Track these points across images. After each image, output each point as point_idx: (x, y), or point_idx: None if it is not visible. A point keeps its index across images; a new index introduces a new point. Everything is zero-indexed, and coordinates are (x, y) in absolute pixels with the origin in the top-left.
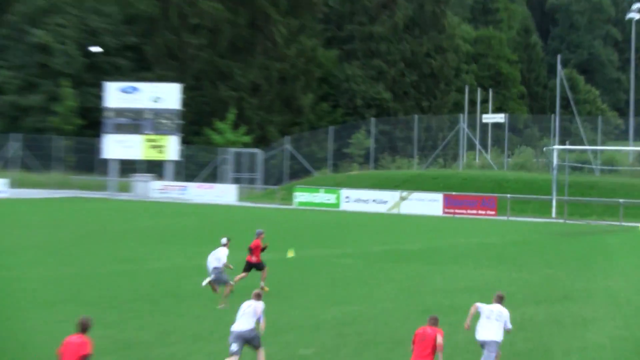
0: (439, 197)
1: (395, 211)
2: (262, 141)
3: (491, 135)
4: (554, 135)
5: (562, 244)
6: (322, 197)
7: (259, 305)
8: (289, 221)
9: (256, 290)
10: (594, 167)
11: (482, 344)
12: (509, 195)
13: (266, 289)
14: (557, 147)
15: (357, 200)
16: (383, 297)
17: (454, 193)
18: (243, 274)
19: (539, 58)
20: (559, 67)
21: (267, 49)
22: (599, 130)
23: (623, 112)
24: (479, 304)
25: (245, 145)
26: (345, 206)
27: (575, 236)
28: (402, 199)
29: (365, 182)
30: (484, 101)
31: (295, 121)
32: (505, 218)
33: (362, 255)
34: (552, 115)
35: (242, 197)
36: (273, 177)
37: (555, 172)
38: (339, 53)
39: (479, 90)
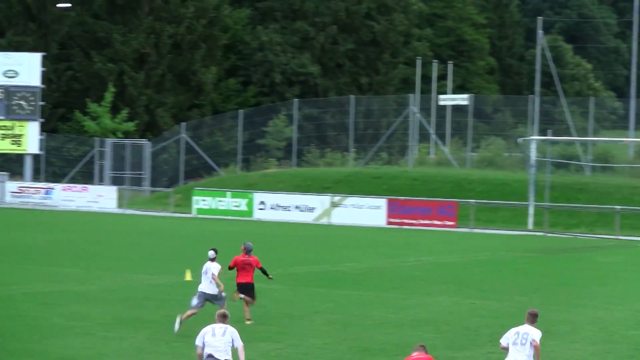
0: (381, 202)
1: (324, 221)
2: (150, 129)
3: (451, 122)
4: (533, 123)
5: (540, 264)
6: (229, 202)
7: (233, 331)
8: (186, 234)
9: (221, 311)
10: (583, 163)
11: None
12: (473, 201)
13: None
14: (535, 137)
15: (276, 207)
16: (310, 333)
17: (401, 198)
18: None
19: (514, 21)
20: (539, 33)
21: (156, 8)
22: (590, 115)
23: (622, 93)
24: (509, 332)
25: (128, 134)
26: (259, 214)
27: (557, 254)
28: (334, 205)
29: (286, 184)
30: (442, 77)
31: (193, 103)
32: (467, 230)
33: (282, 279)
34: (530, 96)
35: (124, 202)
36: (165, 176)
37: (533, 170)
38: (251, 13)
39: (435, 63)
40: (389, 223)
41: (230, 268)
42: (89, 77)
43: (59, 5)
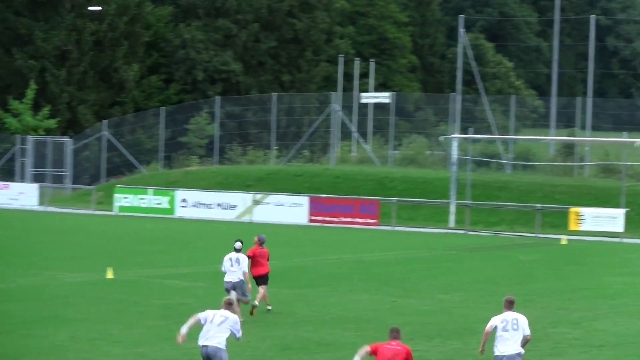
0: (303, 200)
1: (246, 218)
2: (71, 126)
3: (373, 120)
4: (454, 121)
5: (461, 262)
6: (151, 200)
7: (233, 317)
8: (107, 232)
9: (227, 298)
10: (504, 162)
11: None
12: (394, 199)
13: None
14: (457, 135)
15: (198, 205)
16: None
17: (323, 195)
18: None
19: (435, 19)
20: (461, 31)
21: (77, 5)
22: (511, 114)
23: (543, 91)
24: (492, 320)
25: (50, 131)
26: (181, 212)
27: (479, 252)
28: (256, 202)
29: (209, 181)
30: (364, 75)
31: (115, 100)
32: (389, 228)
33: (204, 276)
34: (452, 95)
35: (46, 199)
36: (87, 173)
37: (454, 168)
38: (173, 11)
39: (357, 61)
40: (311, 221)
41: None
42: (10, 73)
43: (90, 8)
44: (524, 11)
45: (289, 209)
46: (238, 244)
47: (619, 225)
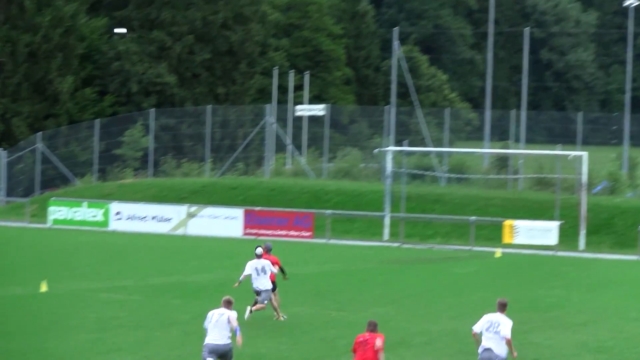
0: (238, 213)
1: (181, 231)
2: (5, 139)
3: (307, 133)
4: (388, 133)
5: (396, 275)
6: (85, 213)
7: (233, 315)
8: (41, 244)
9: (227, 297)
10: (439, 174)
11: (488, 358)
12: (329, 212)
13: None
14: (391, 148)
15: (132, 218)
16: (165, 344)
17: (257, 208)
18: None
19: (370, 31)
20: (395, 43)
21: (11, 16)
22: (446, 126)
23: (477, 104)
24: (481, 320)
25: None
26: (116, 225)
27: (413, 264)
28: (191, 215)
29: (143, 194)
30: (299, 87)
31: (49, 112)
32: (324, 241)
33: (139, 289)
34: (386, 107)
35: None
36: (21, 186)
37: (389, 181)
38: (107, 23)
39: (291, 73)
40: (246, 234)
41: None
42: None
43: (116, 30)
44: (458, 24)
45: (223, 222)
46: (259, 250)
47: (552, 238)
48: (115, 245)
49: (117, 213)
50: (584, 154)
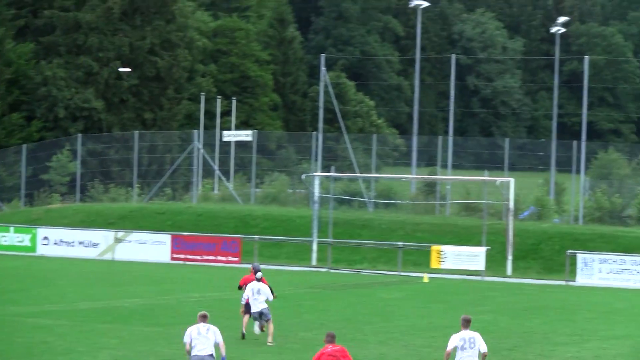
0: (166, 238)
1: (109, 256)
2: None
3: (234, 159)
4: (316, 159)
5: (324, 300)
6: (12, 238)
7: (215, 329)
8: None
9: (202, 312)
10: (366, 200)
11: None
12: (256, 237)
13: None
14: (319, 174)
15: (59, 243)
16: None
17: (185, 233)
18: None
19: (297, 58)
20: (322, 69)
21: None
22: (373, 152)
23: (405, 129)
24: (451, 340)
25: None
26: (43, 250)
27: (341, 290)
28: (118, 240)
29: (70, 219)
30: (226, 113)
31: None
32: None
33: (66, 314)
34: (314, 133)
35: None
36: None
37: (316, 206)
38: (34, 48)
39: (219, 99)
40: (173, 259)
41: (240, 287)
42: None
43: (120, 69)
44: (385, 50)
45: (151, 247)
46: (259, 275)
47: (480, 263)
48: (42, 271)
49: (45, 238)
50: (511, 180)
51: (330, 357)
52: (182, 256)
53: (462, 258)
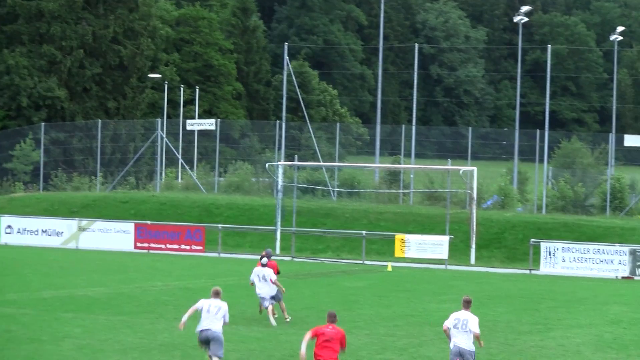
0: (129, 227)
1: (72, 245)
2: None
3: (198, 147)
4: (279, 148)
5: (288, 289)
6: None
7: (224, 306)
8: None
9: (216, 288)
10: (330, 189)
11: (458, 353)
12: (220, 226)
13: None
14: (282, 163)
15: (23, 231)
16: (57, 358)
17: (149, 222)
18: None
19: (260, 47)
20: (285, 58)
21: None
22: (336, 141)
23: (368, 119)
24: (450, 317)
25: None
26: (6, 239)
27: (305, 279)
28: (82, 229)
29: (33, 208)
30: (189, 102)
31: None
32: (216, 255)
33: (30, 303)
34: (277, 122)
35: None
36: None
37: (280, 195)
38: None
39: (182, 87)
40: (137, 247)
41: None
42: None
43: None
44: (348, 39)
45: (114, 236)
46: (264, 260)
47: (443, 252)
48: (6, 259)
49: (8, 227)
50: (474, 169)
51: (326, 342)
52: (145, 245)
53: (426, 247)
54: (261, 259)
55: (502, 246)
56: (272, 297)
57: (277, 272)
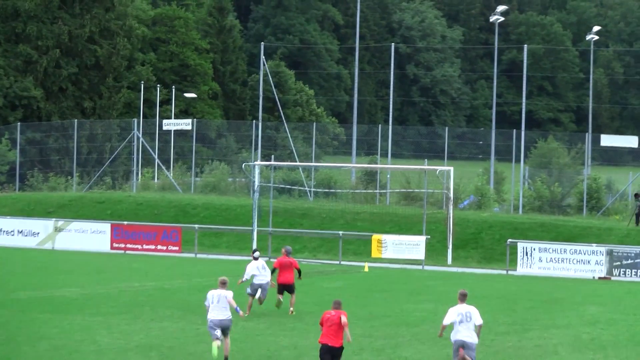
0: (106, 227)
1: (48, 246)
2: None
3: (174, 148)
4: (256, 148)
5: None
6: None
7: (230, 295)
8: None
9: (222, 278)
10: (306, 189)
11: (462, 345)
12: (197, 226)
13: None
14: (259, 163)
15: None
16: (33, 359)
17: (125, 223)
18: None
19: (236, 46)
20: (262, 58)
21: None
22: (313, 141)
23: (344, 118)
24: (449, 313)
25: None
26: None
27: None
28: (58, 230)
29: (9, 208)
30: (165, 102)
31: None
32: (192, 255)
33: (6, 304)
34: (254, 122)
35: None
36: None
37: (257, 195)
38: None
39: (158, 87)
40: (113, 248)
41: (274, 269)
42: None
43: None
44: (324, 39)
45: (91, 236)
46: (257, 253)
47: (420, 253)
48: None
49: None
50: (451, 169)
51: (330, 319)
52: (122, 245)
53: (403, 247)
54: (253, 253)
55: (479, 246)
56: (261, 287)
57: (298, 269)
